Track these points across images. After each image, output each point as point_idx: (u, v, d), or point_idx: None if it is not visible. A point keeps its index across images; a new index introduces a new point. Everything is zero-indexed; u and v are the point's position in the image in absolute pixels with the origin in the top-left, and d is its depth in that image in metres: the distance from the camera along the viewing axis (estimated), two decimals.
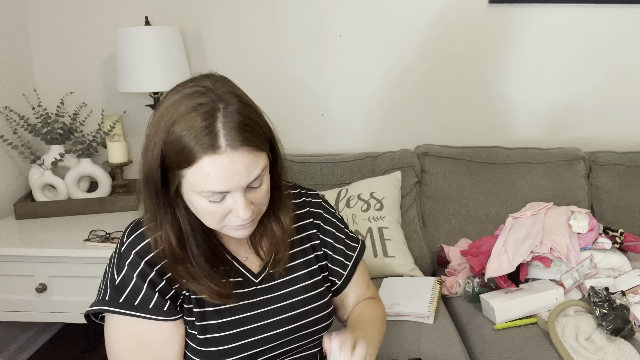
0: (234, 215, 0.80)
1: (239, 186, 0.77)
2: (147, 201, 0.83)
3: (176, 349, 0.87)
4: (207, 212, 0.80)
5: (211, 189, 0.76)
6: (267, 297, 0.93)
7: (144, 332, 0.84)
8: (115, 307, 0.84)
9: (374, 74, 2.13)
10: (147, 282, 0.84)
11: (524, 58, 2.09)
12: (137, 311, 0.84)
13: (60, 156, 1.95)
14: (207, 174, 0.74)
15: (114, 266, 0.86)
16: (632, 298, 1.44)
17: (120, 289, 0.84)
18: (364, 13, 2.06)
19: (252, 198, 0.81)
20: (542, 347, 1.36)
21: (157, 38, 1.83)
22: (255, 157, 0.77)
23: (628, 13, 2.03)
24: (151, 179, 0.79)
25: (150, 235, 0.85)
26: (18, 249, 1.64)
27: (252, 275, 0.93)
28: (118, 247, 0.88)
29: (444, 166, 1.98)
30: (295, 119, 2.17)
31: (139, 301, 0.84)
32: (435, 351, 1.38)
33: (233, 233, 0.84)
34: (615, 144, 2.15)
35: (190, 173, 0.75)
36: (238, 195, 0.78)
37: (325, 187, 1.95)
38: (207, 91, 0.76)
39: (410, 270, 1.78)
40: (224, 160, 0.74)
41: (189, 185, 0.77)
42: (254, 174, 0.78)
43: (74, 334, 2.25)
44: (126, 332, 0.85)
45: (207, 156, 0.73)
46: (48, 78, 2.14)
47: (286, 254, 0.95)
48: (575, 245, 1.53)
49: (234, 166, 0.75)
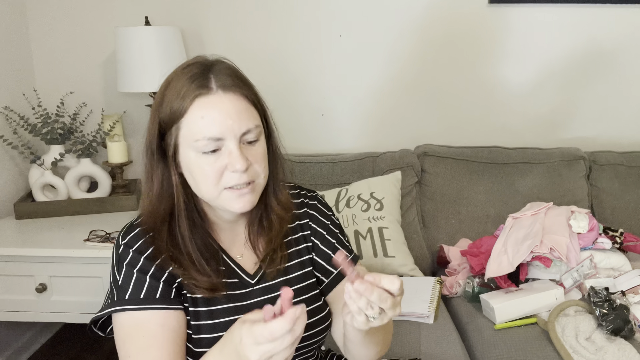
0: (230, 169, 0.80)
1: (232, 132, 0.79)
2: (147, 172, 0.85)
3: (186, 338, 0.86)
4: (204, 172, 0.80)
5: (205, 134, 0.78)
6: (262, 299, 0.91)
7: (153, 324, 0.83)
8: (123, 305, 0.83)
9: (374, 74, 2.13)
10: (149, 275, 0.84)
11: (524, 58, 2.09)
12: (144, 304, 0.83)
13: (60, 156, 1.94)
14: (200, 116, 0.78)
15: (114, 270, 0.86)
16: (632, 298, 1.44)
17: (124, 287, 0.84)
18: (363, 13, 2.06)
19: (248, 155, 0.81)
20: (542, 347, 1.36)
21: (157, 38, 1.83)
22: (248, 107, 0.82)
23: (628, 13, 2.03)
24: (151, 145, 0.84)
25: (145, 233, 0.86)
26: (18, 249, 1.64)
27: (247, 276, 0.92)
28: (115, 250, 0.87)
29: (444, 166, 1.98)
30: (295, 119, 2.18)
31: (144, 294, 0.83)
32: (435, 351, 1.38)
33: (232, 204, 0.82)
34: (615, 144, 2.15)
35: (185, 124, 0.79)
36: (233, 145, 0.79)
37: (325, 187, 1.95)
38: (199, 57, 0.85)
39: (410, 270, 1.78)
40: (216, 100, 0.79)
41: (185, 140, 0.80)
42: (247, 123, 0.80)
43: (74, 334, 2.25)
44: (135, 328, 0.83)
45: (199, 99, 0.79)
46: (48, 78, 2.14)
47: (283, 253, 0.94)
48: (575, 245, 1.53)
49: (225, 107, 0.79)
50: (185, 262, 0.85)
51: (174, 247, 0.85)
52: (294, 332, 0.64)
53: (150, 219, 0.86)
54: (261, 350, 0.64)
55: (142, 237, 0.86)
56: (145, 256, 0.84)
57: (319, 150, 2.18)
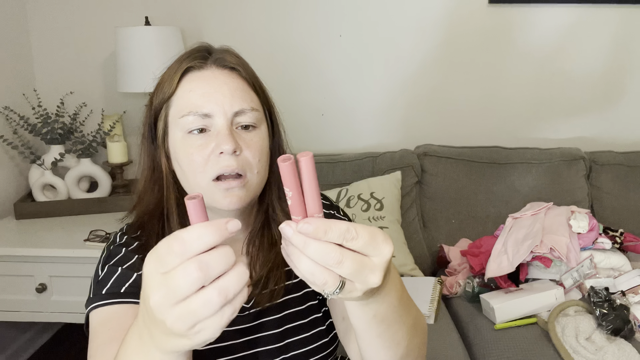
0: (217, 151, 0.70)
1: (221, 108, 0.71)
2: (140, 165, 0.80)
3: None
4: (189, 156, 0.72)
5: (191, 108, 0.71)
6: (254, 324, 0.80)
7: (128, 315, 0.71)
8: (99, 301, 0.72)
9: (374, 74, 2.13)
10: (137, 274, 0.75)
11: (524, 58, 2.09)
12: (123, 297, 0.72)
13: (60, 156, 1.94)
14: (189, 90, 0.73)
15: (99, 265, 0.78)
16: (632, 298, 1.44)
17: (102, 283, 0.75)
18: (363, 13, 2.06)
19: (240, 140, 0.72)
20: (542, 347, 1.36)
21: (157, 38, 1.83)
22: (244, 88, 0.75)
23: (628, 13, 2.03)
24: (145, 135, 0.79)
25: (135, 238, 0.79)
26: (18, 249, 1.64)
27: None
28: (107, 247, 0.80)
29: (444, 166, 1.98)
30: (295, 119, 2.18)
31: (127, 288, 0.73)
32: (435, 351, 1.38)
33: (219, 199, 0.72)
34: (615, 144, 2.15)
35: (174, 100, 0.74)
36: (221, 122, 0.71)
37: (325, 187, 1.95)
38: (204, 42, 0.81)
39: (411, 270, 1.78)
40: (208, 75, 0.74)
41: (173, 119, 0.74)
42: (240, 102, 0.72)
43: (74, 334, 2.25)
44: (104, 322, 0.71)
45: (190, 73, 0.74)
46: (48, 78, 2.14)
47: (279, 285, 0.78)
48: (575, 245, 1.53)
49: (217, 82, 0.73)
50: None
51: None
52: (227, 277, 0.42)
53: (140, 218, 0.80)
54: (170, 298, 0.41)
55: (137, 241, 0.79)
56: (140, 257, 0.77)
57: (319, 150, 2.18)
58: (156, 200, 0.79)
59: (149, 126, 0.79)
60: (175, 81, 0.74)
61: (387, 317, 0.56)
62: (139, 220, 0.80)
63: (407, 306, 0.61)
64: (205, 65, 0.75)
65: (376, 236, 0.46)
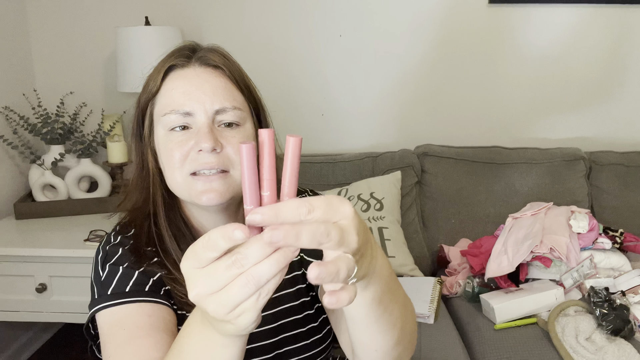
0: (196, 148, 0.71)
1: (202, 106, 0.72)
2: (134, 157, 0.81)
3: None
4: (169, 152, 0.72)
5: (173, 107, 0.73)
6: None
7: (140, 314, 0.71)
8: (105, 302, 0.73)
9: (374, 74, 2.13)
10: (139, 271, 0.75)
11: (524, 58, 2.09)
12: (129, 297, 0.73)
13: (60, 156, 1.94)
14: (171, 88, 0.74)
15: (98, 266, 0.77)
16: (632, 298, 1.44)
17: (107, 283, 0.75)
18: (363, 13, 2.06)
19: (223, 138, 0.73)
20: (542, 347, 1.36)
21: (157, 38, 1.83)
22: (228, 86, 0.75)
23: (628, 13, 2.03)
24: (134, 130, 0.80)
25: (134, 234, 0.79)
26: (18, 249, 1.64)
27: None
28: (102, 247, 0.80)
29: (444, 166, 1.98)
30: (295, 119, 2.18)
31: (131, 287, 0.73)
32: (435, 351, 1.38)
33: (198, 194, 0.72)
34: (615, 144, 2.15)
35: (158, 99, 0.76)
36: (202, 120, 0.72)
37: (325, 187, 1.95)
38: (192, 41, 0.82)
39: (410, 270, 1.78)
40: (190, 73, 0.75)
41: (157, 117, 0.75)
42: (222, 101, 0.73)
43: (74, 334, 2.25)
44: (118, 323, 0.71)
45: (174, 72, 0.76)
46: (48, 78, 2.14)
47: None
48: (575, 245, 1.53)
49: (199, 81, 0.74)
50: (174, 273, 0.76)
51: (164, 252, 0.78)
52: (248, 254, 0.42)
53: (131, 217, 0.81)
54: (207, 289, 0.43)
55: (128, 240, 0.79)
56: (134, 255, 0.77)
57: (319, 150, 2.18)
58: (144, 197, 0.80)
59: (137, 124, 0.80)
60: (159, 79, 0.76)
61: (383, 298, 0.56)
62: (130, 218, 0.82)
63: (397, 282, 0.62)
64: (188, 64, 0.76)
65: (331, 201, 0.44)
